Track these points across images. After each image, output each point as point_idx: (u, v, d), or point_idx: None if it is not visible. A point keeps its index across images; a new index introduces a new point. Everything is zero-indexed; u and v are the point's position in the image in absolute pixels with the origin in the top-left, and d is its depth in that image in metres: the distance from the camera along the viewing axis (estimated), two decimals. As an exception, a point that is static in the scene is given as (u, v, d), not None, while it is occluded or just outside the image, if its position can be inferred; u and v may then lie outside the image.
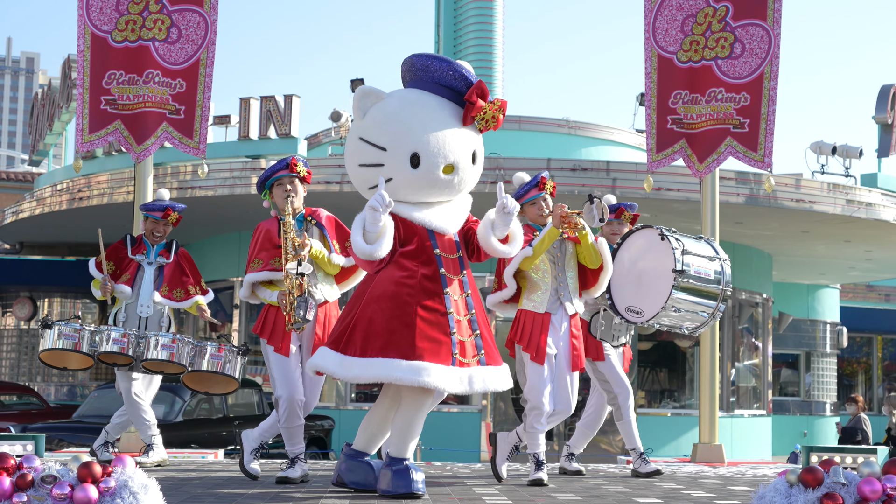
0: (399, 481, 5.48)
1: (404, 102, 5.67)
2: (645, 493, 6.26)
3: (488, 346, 5.59)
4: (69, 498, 3.99)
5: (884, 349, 27.91)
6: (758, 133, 9.20)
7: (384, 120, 5.61)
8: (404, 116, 5.59)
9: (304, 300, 6.29)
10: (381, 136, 5.60)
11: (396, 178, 5.56)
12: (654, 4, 9.46)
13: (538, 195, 6.79)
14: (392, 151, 5.55)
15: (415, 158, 5.51)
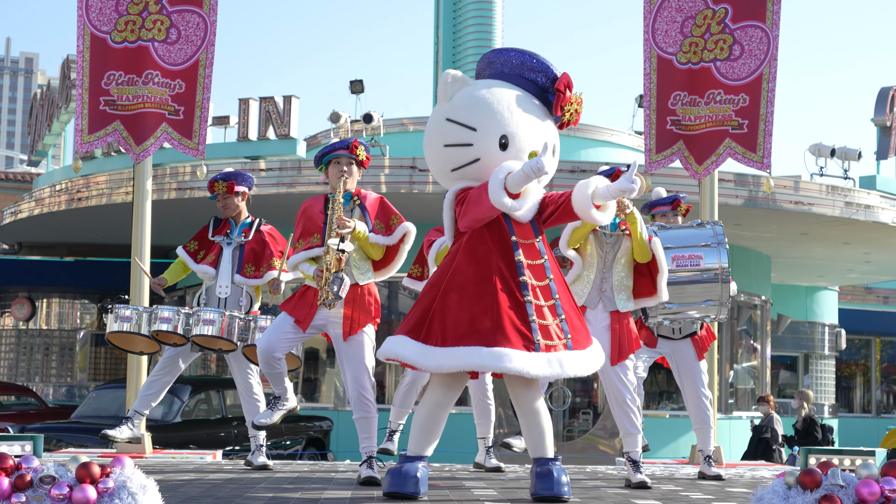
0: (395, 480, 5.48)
1: (493, 88, 5.70)
2: (643, 494, 6.26)
3: (575, 330, 5.49)
4: (68, 498, 3.99)
5: (882, 351, 27.92)
6: (756, 134, 9.21)
7: (474, 102, 5.63)
8: (494, 100, 5.62)
9: (339, 277, 6.33)
10: (471, 117, 5.60)
11: (484, 159, 5.56)
12: (654, 6, 9.47)
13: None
14: (482, 132, 5.56)
15: (504, 140, 5.53)
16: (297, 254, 6.64)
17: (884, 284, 27.38)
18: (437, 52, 21.08)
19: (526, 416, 5.55)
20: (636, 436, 6.81)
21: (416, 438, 5.57)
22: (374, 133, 15.84)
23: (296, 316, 6.60)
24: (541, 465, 5.50)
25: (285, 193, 14.85)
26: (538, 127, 5.62)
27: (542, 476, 5.47)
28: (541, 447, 5.53)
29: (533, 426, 5.54)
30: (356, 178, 6.68)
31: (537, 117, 5.64)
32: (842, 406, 26.59)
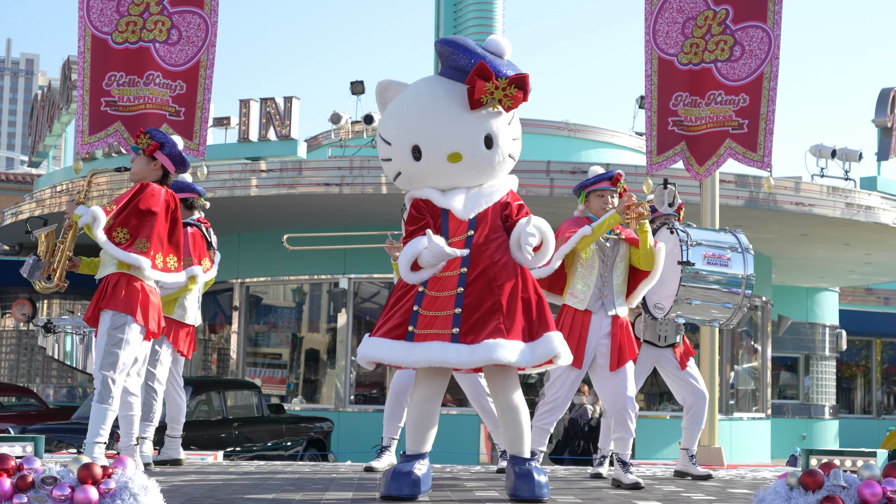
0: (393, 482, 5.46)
1: (413, 93, 5.60)
2: (644, 495, 6.26)
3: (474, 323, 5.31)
4: (69, 499, 3.99)
5: (883, 352, 27.93)
6: (757, 133, 9.21)
7: (391, 114, 5.61)
8: (408, 109, 5.53)
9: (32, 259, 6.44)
10: (386, 131, 5.60)
11: (404, 172, 5.55)
12: (655, 7, 9.47)
13: (608, 188, 6.84)
14: (395, 145, 5.53)
15: (416, 151, 5.47)
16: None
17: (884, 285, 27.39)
18: (438, 54, 21.08)
19: (504, 411, 5.50)
20: (629, 440, 6.87)
21: (411, 436, 5.54)
22: (375, 134, 15.83)
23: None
24: (519, 465, 5.44)
25: (286, 194, 14.86)
26: (458, 126, 5.42)
27: (522, 476, 5.40)
28: (518, 445, 5.48)
29: (511, 422, 5.48)
30: (141, 169, 6.53)
31: (461, 114, 5.42)
32: (842, 407, 26.60)
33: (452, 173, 5.49)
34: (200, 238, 7.97)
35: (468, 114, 5.43)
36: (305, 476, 7.32)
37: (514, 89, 5.41)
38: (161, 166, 6.55)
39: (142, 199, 6.33)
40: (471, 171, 5.50)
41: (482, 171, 5.52)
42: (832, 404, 24.41)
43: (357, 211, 15.66)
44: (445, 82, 5.54)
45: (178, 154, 6.57)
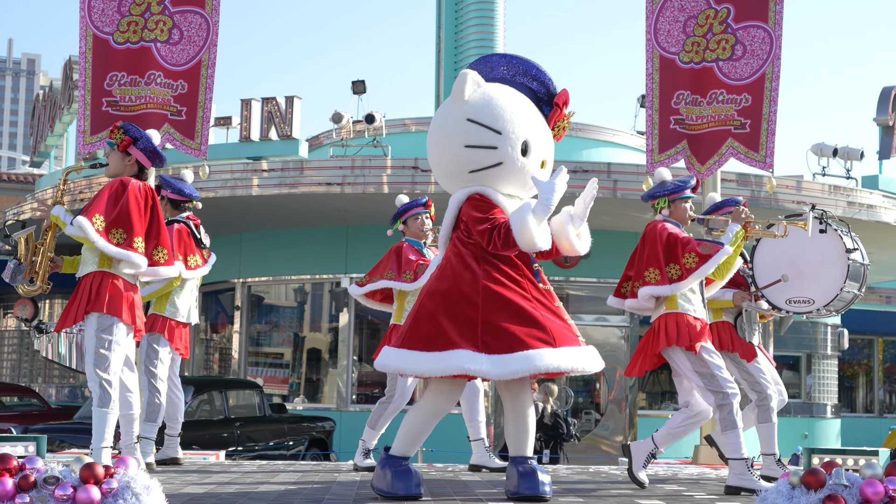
0: (398, 482, 5.47)
1: (507, 93, 5.65)
2: (647, 494, 6.25)
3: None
4: (71, 499, 3.99)
5: (885, 351, 27.91)
6: (759, 133, 9.21)
7: (496, 105, 5.55)
8: (515, 105, 5.58)
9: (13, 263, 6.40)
10: (495, 120, 5.51)
11: (506, 163, 5.50)
12: (656, 6, 9.47)
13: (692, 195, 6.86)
14: (506, 136, 5.49)
15: (525, 146, 5.51)
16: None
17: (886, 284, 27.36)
18: (439, 53, 21.08)
19: (517, 414, 5.54)
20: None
21: (408, 441, 5.54)
22: (377, 133, 15.84)
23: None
24: (522, 464, 5.48)
25: (287, 194, 14.86)
26: (547, 136, 5.66)
27: (525, 475, 5.44)
28: (523, 447, 5.53)
29: (521, 425, 5.53)
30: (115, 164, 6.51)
31: (546, 128, 5.68)
32: (844, 406, 26.58)
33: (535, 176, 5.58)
34: (187, 235, 7.93)
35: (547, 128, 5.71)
36: (307, 475, 7.32)
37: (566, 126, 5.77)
38: (136, 161, 6.50)
39: (127, 197, 6.29)
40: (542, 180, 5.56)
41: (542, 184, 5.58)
42: (834, 403, 24.38)
43: (358, 210, 15.65)
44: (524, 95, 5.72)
45: (152, 148, 6.52)
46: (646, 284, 6.52)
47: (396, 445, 5.53)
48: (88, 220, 6.15)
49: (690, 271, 6.44)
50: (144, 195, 6.40)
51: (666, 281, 6.46)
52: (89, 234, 6.14)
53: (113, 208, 6.26)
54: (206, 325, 19.04)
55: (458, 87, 5.56)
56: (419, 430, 5.53)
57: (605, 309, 17.04)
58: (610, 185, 14.21)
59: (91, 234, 6.15)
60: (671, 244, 6.50)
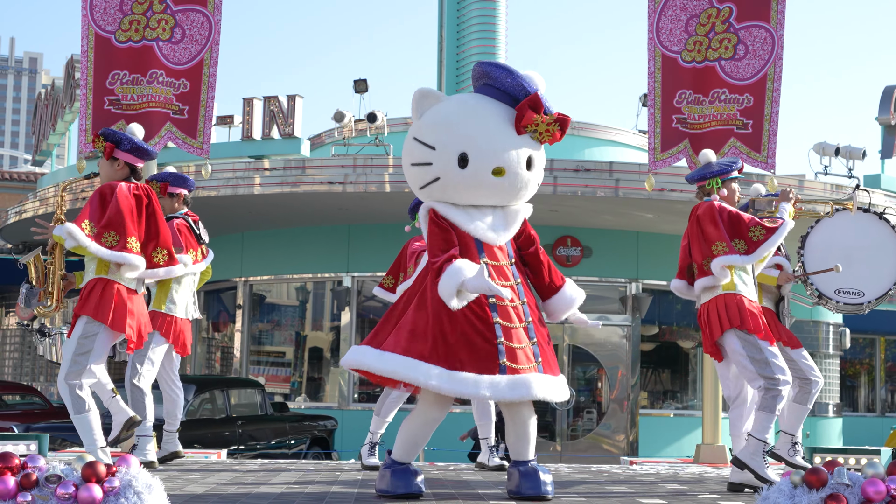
0: (398, 481, 5.49)
1: (460, 104, 5.68)
2: (648, 493, 6.25)
3: (546, 355, 5.48)
4: (73, 497, 3.99)
5: (887, 350, 27.89)
6: (761, 134, 9.21)
7: (437, 120, 5.59)
8: (457, 118, 5.57)
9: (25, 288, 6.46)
10: (431, 136, 5.57)
11: (444, 178, 5.52)
12: (658, 5, 9.46)
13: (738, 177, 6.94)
14: (440, 151, 5.51)
15: (463, 158, 5.47)
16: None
17: (888, 283, 27.32)
18: (441, 52, 21.08)
19: (516, 423, 5.56)
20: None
21: (406, 448, 5.58)
22: (378, 132, 15.85)
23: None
24: (524, 465, 5.51)
25: (289, 193, 14.86)
26: (505, 142, 5.49)
27: (526, 475, 5.47)
28: (524, 451, 5.55)
29: (521, 433, 5.55)
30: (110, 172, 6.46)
31: (508, 133, 5.51)
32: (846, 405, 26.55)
33: (490, 188, 5.51)
34: (187, 230, 7.93)
35: (515, 133, 5.52)
36: (309, 475, 7.32)
37: (556, 127, 5.52)
38: (125, 164, 6.48)
39: (117, 199, 6.25)
40: (509, 188, 5.54)
41: (517, 191, 5.58)
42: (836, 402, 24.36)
43: (360, 209, 15.65)
44: (490, 100, 5.60)
45: (136, 146, 6.49)
46: (717, 256, 6.40)
47: (396, 451, 5.59)
48: (78, 226, 6.12)
49: (759, 243, 6.43)
50: (136, 196, 6.36)
51: (735, 252, 6.40)
52: (80, 240, 6.12)
53: (102, 212, 6.23)
54: (208, 323, 19.05)
55: (412, 107, 5.69)
56: (415, 439, 5.58)
57: (606, 308, 17.08)
58: (612, 184, 14.21)
59: (82, 238, 6.12)
60: (734, 220, 6.47)
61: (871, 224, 7.13)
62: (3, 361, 23.14)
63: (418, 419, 5.57)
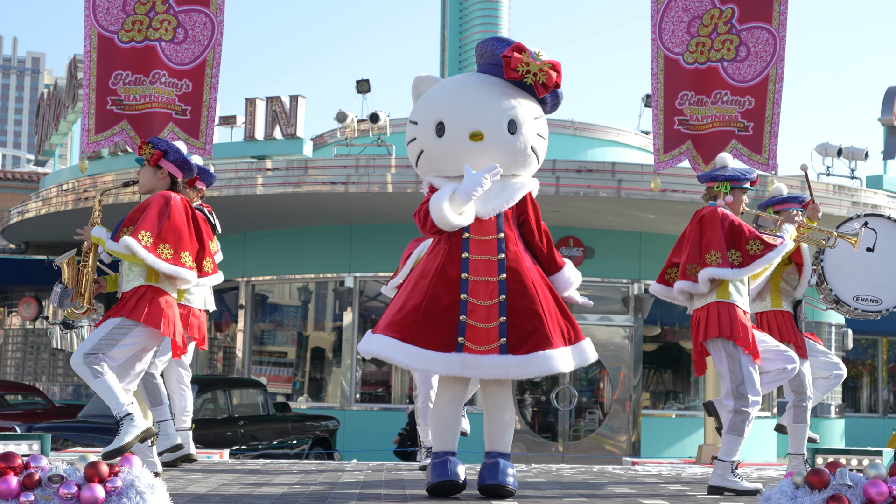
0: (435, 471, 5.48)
1: (447, 81, 5.83)
2: (650, 494, 6.25)
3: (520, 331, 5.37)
4: (76, 497, 4.00)
5: (889, 351, 27.87)
6: (762, 136, 9.21)
7: (423, 98, 5.74)
8: (439, 91, 5.68)
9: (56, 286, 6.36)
10: (416, 112, 5.72)
11: (426, 150, 5.59)
12: (661, 6, 9.46)
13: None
14: (421, 123, 5.62)
15: (440, 127, 5.52)
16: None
17: (891, 284, 27.30)
18: (444, 52, 21.09)
19: (491, 408, 5.55)
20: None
21: (440, 433, 5.56)
22: (381, 132, 15.84)
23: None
24: (490, 457, 5.53)
25: (291, 193, 14.86)
26: (484, 106, 5.49)
27: (487, 466, 5.50)
28: (497, 441, 5.54)
29: (495, 419, 5.54)
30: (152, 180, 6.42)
31: (493, 98, 5.51)
32: (848, 406, 26.53)
33: (472, 153, 5.49)
34: (205, 222, 7.95)
35: (495, 97, 5.52)
36: (311, 475, 7.33)
37: (548, 66, 5.52)
38: (168, 174, 6.46)
39: (172, 212, 6.24)
40: (491, 152, 5.50)
41: (502, 154, 5.53)
42: (838, 403, 24.35)
43: (362, 210, 15.65)
44: (481, 75, 5.69)
45: (182, 159, 6.49)
46: (706, 266, 6.34)
47: (433, 442, 5.62)
48: (135, 238, 6.08)
49: (755, 258, 6.35)
50: (185, 207, 6.39)
51: (727, 265, 6.32)
52: (138, 252, 6.08)
53: (159, 224, 6.19)
54: (211, 323, 19.06)
55: (412, 92, 5.83)
56: (444, 420, 5.55)
57: (608, 308, 17.06)
58: (615, 184, 14.21)
59: (140, 251, 6.08)
60: (735, 230, 6.42)
61: (891, 231, 7.14)
62: (5, 361, 23.15)
63: (442, 399, 5.58)
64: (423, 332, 5.33)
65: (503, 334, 5.34)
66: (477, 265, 5.42)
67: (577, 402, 16.65)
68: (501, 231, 5.51)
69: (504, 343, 5.34)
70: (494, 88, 5.57)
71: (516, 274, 5.44)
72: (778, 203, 7.70)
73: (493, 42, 5.71)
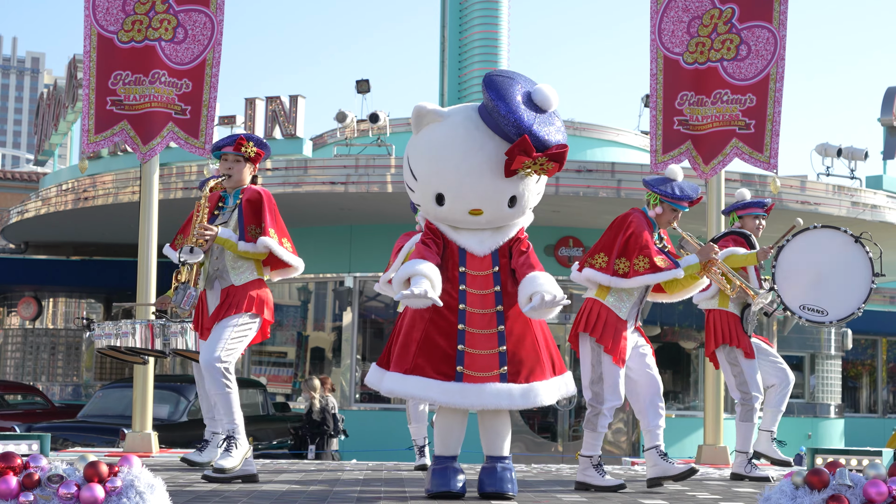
0: (436, 479, 5.52)
1: (450, 133, 5.53)
2: (650, 494, 6.25)
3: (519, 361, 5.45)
4: (76, 497, 3.99)
5: (888, 351, 27.88)
6: (763, 135, 9.20)
7: (423, 150, 5.60)
8: (441, 152, 5.51)
9: (183, 288, 6.35)
10: (417, 164, 5.65)
11: (423, 207, 5.69)
12: (661, 6, 9.46)
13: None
14: (421, 185, 5.62)
15: (440, 198, 5.55)
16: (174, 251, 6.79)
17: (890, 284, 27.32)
18: (444, 52, 21.08)
19: (485, 417, 5.61)
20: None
21: (443, 439, 5.61)
22: (381, 132, 15.84)
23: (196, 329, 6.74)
24: (488, 462, 5.60)
25: (291, 193, 14.87)
26: (485, 185, 5.45)
27: (486, 471, 5.57)
28: (494, 447, 5.61)
29: (489, 427, 5.61)
30: (245, 176, 6.58)
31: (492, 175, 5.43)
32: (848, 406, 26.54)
33: (470, 223, 5.61)
34: None
35: (497, 174, 5.45)
36: (310, 475, 7.32)
37: (550, 164, 5.42)
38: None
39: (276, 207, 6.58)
40: (489, 224, 5.62)
41: (500, 223, 5.64)
42: (837, 403, 24.35)
43: (362, 209, 15.65)
44: (483, 131, 5.49)
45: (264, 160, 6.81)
46: (591, 267, 6.56)
47: (436, 447, 5.67)
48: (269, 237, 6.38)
49: (637, 274, 6.44)
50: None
51: (609, 271, 6.48)
52: (276, 251, 6.40)
53: (276, 220, 6.50)
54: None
55: (412, 122, 5.68)
56: (448, 427, 5.59)
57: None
58: (614, 184, 14.22)
59: (278, 250, 6.41)
60: (631, 241, 6.49)
61: (846, 246, 7.16)
62: (4, 361, 23.14)
63: (441, 410, 5.62)
64: (423, 361, 5.43)
65: (503, 363, 5.42)
66: (474, 298, 5.51)
67: (576, 402, 16.65)
68: (497, 265, 5.59)
69: (504, 372, 5.42)
70: (497, 159, 5.42)
71: (513, 305, 5.52)
72: (740, 208, 7.78)
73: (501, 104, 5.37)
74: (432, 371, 5.38)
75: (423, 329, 5.45)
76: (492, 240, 5.62)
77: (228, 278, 6.45)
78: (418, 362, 5.41)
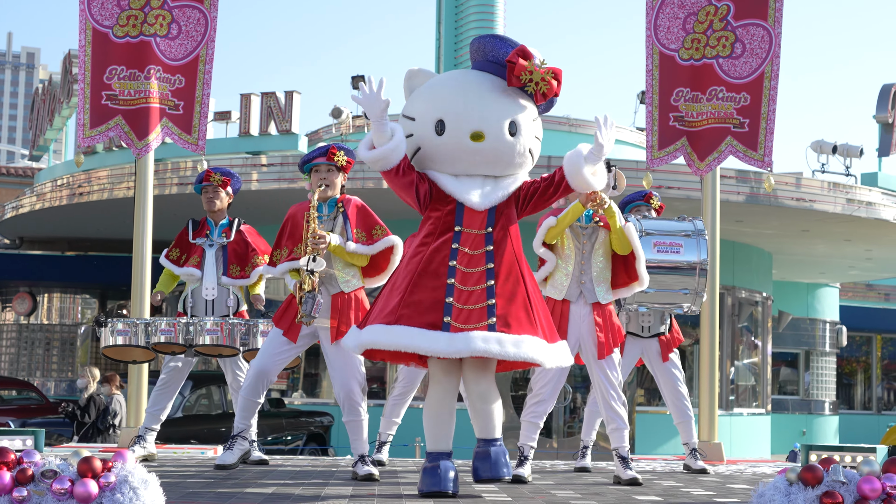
0: (427, 478, 5.45)
1: (445, 77, 5.77)
2: (644, 491, 6.26)
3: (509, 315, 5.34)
4: (69, 493, 3.99)
5: (883, 348, 27.95)
6: (758, 133, 9.20)
7: (419, 93, 5.67)
8: (438, 87, 5.63)
9: (311, 296, 6.36)
10: (412, 107, 5.66)
11: (424, 147, 5.54)
12: (656, 2, 9.46)
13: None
14: (419, 120, 5.55)
15: (439, 125, 5.48)
16: (281, 264, 6.78)
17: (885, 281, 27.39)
18: (439, 48, 21.07)
19: (474, 400, 5.53)
20: (623, 431, 6.74)
21: (433, 433, 5.54)
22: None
23: (283, 328, 6.72)
24: (480, 447, 5.51)
25: (286, 189, 14.85)
26: (485, 106, 5.48)
27: (479, 456, 5.49)
28: (485, 430, 5.53)
29: (479, 410, 5.52)
30: (338, 185, 6.72)
31: (490, 97, 5.51)
32: (843, 403, 26.60)
33: (472, 154, 5.50)
34: None
35: (497, 98, 5.51)
36: (305, 470, 7.32)
37: (550, 75, 5.52)
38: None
39: None
40: (491, 154, 5.51)
41: (501, 157, 5.54)
42: (832, 400, 24.40)
43: (358, 205, 15.63)
44: (478, 72, 5.64)
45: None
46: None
47: (427, 442, 5.57)
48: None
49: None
50: None
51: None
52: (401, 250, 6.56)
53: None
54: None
55: (404, 86, 5.79)
56: (437, 418, 5.52)
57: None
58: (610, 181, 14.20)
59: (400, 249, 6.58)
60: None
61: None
62: (-1, 356, 23.15)
63: (433, 396, 5.54)
64: (409, 311, 5.34)
65: (491, 314, 5.33)
66: (464, 256, 5.44)
67: (571, 398, 16.66)
68: (491, 226, 5.52)
69: (493, 323, 5.31)
70: (495, 88, 5.54)
71: (504, 264, 5.47)
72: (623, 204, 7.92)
73: (494, 41, 5.65)
74: (418, 320, 5.28)
75: (409, 281, 5.40)
76: (493, 193, 5.53)
77: (337, 285, 6.59)
78: (403, 312, 5.31)
